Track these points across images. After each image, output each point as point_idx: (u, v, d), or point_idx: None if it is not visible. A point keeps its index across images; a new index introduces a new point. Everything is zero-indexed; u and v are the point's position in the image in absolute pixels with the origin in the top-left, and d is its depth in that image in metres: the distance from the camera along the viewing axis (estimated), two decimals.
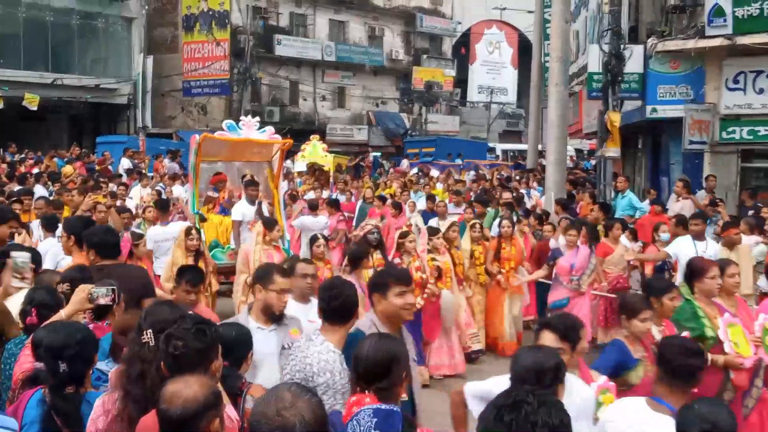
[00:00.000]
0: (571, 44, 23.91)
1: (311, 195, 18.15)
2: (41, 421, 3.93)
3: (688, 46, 17.17)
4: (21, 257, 4.77)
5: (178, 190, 18.33)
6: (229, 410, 3.76)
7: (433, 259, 10.32)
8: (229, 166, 14.28)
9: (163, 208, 12.71)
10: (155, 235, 11.41)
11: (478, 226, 12.07)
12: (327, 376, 4.42)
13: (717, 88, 17.43)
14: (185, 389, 3.14)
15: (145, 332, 3.72)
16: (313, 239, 9.72)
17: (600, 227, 12.66)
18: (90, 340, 4.13)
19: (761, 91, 16.99)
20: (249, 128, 12.87)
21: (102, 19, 36.49)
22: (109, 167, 23.95)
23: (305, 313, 6.27)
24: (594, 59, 19.30)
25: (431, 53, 54.04)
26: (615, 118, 17.85)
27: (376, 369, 3.82)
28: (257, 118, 13.46)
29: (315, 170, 24.15)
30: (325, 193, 19.38)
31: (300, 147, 26.18)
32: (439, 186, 22.75)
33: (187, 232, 9.73)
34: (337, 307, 4.71)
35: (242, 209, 12.40)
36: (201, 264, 9.23)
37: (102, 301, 4.69)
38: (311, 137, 26.92)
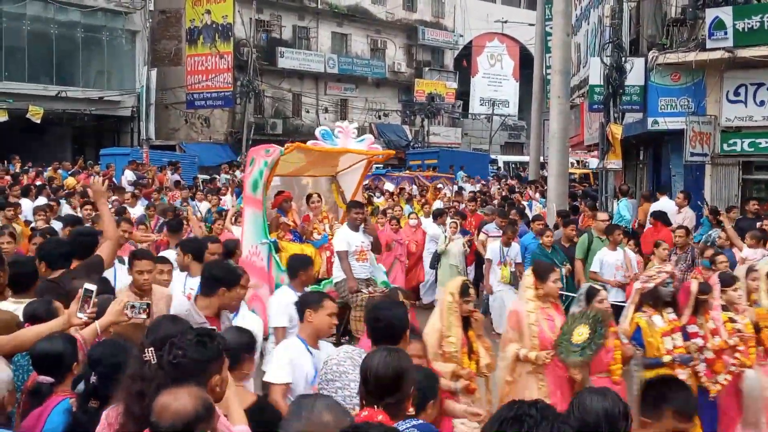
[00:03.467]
0: (572, 57, 24.01)
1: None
2: (64, 429, 3.95)
3: (688, 58, 17.21)
4: (89, 288, 4.75)
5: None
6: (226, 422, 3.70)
7: (731, 320, 7.45)
8: (286, 183, 11.79)
9: (176, 229, 10.88)
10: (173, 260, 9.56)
11: None
12: None
13: (718, 100, 17.48)
14: (174, 402, 3.11)
15: (147, 350, 3.67)
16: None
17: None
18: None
19: (762, 103, 17.03)
20: (346, 136, 11.11)
21: (106, 32, 36.57)
22: (113, 179, 24.02)
23: None
24: (595, 72, 19.36)
25: (433, 66, 54.21)
26: (616, 130, 17.90)
27: (386, 384, 3.77)
28: (355, 124, 11.70)
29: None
30: None
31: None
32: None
33: (463, 290, 6.61)
34: (382, 327, 4.82)
35: (347, 237, 10.18)
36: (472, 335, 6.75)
37: (138, 315, 4.64)
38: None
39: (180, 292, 7.43)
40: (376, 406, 3.74)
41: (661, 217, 14.84)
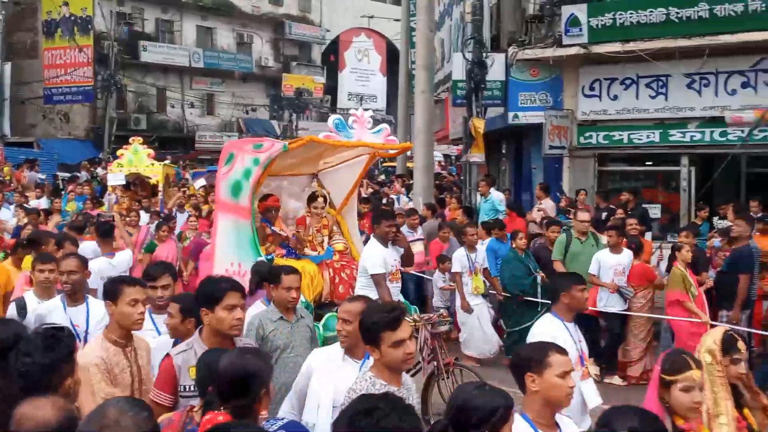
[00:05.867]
0: (436, 52, 24.35)
1: (146, 218, 14.83)
2: None
3: (546, 54, 17.66)
4: None
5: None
6: None
7: None
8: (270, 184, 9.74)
9: (107, 234, 10.11)
10: (103, 270, 8.88)
11: None
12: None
13: (574, 95, 17.99)
14: (36, 412, 2.93)
15: None
16: None
17: None
18: None
19: (615, 97, 17.62)
20: (362, 126, 9.27)
21: None
22: None
23: None
24: (458, 67, 19.66)
25: (300, 60, 54.05)
26: (479, 125, 18.22)
27: (234, 386, 3.62)
28: (370, 112, 9.77)
29: (135, 183, 18.86)
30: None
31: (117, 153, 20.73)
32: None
33: (728, 345, 4.63)
34: None
35: (381, 254, 8.42)
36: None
37: None
38: (131, 140, 20.53)
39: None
40: (222, 408, 3.60)
41: (516, 209, 15.31)
